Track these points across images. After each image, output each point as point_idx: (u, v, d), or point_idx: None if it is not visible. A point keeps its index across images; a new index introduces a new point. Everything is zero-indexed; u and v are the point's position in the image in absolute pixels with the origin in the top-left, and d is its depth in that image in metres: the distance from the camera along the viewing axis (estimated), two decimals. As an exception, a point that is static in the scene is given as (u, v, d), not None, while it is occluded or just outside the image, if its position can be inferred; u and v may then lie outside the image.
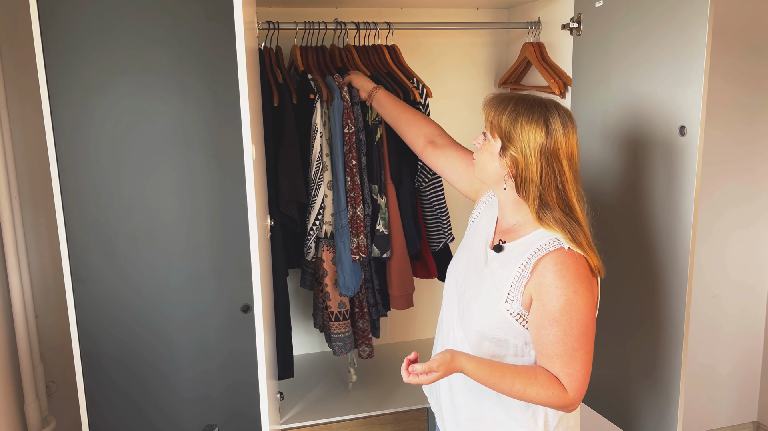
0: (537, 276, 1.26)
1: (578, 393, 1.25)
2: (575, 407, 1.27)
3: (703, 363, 2.71)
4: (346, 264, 1.97)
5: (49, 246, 2.15)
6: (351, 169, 1.93)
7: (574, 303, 1.23)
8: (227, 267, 1.66)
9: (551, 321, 1.24)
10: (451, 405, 1.46)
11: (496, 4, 2.39)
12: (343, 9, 2.27)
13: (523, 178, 1.27)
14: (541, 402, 1.25)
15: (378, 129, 1.98)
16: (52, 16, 1.49)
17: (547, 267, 1.25)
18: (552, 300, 1.24)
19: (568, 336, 1.23)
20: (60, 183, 1.55)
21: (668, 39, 1.51)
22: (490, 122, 1.31)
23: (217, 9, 1.54)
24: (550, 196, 1.27)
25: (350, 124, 1.92)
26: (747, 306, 2.73)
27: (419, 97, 2.04)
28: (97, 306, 1.62)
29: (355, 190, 1.95)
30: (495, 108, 1.30)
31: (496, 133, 1.30)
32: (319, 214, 1.95)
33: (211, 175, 1.62)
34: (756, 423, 2.84)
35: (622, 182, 1.69)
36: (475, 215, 1.53)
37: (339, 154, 1.93)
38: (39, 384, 2.08)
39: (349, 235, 1.96)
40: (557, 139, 1.25)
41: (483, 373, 1.25)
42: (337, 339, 2.05)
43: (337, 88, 1.91)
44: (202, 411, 1.72)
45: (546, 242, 1.27)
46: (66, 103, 1.53)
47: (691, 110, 1.46)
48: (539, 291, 1.25)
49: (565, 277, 1.23)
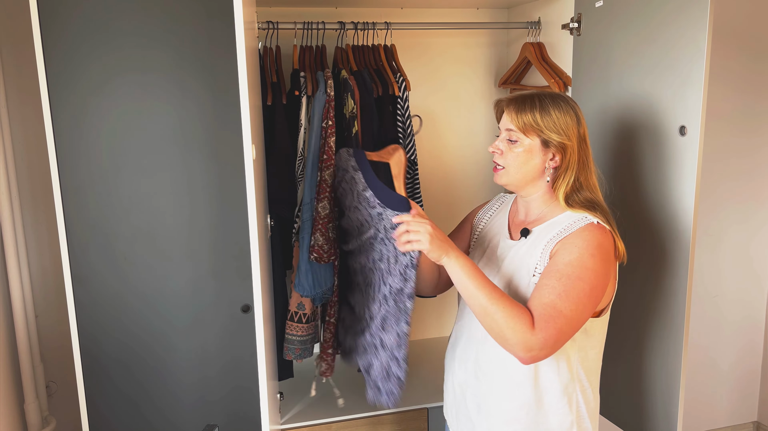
0: (561, 242, 1.29)
1: (543, 342, 1.20)
2: (532, 357, 1.22)
3: (703, 363, 2.71)
4: (302, 262, 1.86)
5: (49, 246, 2.15)
6: (322, 162, 1.86)
7: (584, 264, 1.24)
8: (227, 267, 1.66)
9: (554, 272, 1.25)
10: (481, 413, 1.43)
11: (496, 4, 2.39)
12: (343, 9, 2.27)
13: (567, 166, 1.34)
14: (508, 327, 1.21)
15: (354, 122, 1.94)
16: (52, 16, 1.49)
17: (573, 234, 1.29)
18: (565, 254, 1.27)
19: (560, 285, 1.23)
20: (60, 183, 1.55)
21: (668, 39, 1.51)
22: (523, 123, 1.33)
23: (217, 9, 1.54)
24: (584, 178, 1.36)
25: (329, 118, 1.88)
26: (747, 307, 2.73)
27: (398, 91, 2.04)
28: (97, 307, 1.62)
29: (322, 185, 1.85)
30: (520, 109, 1.33)
31: (531, 131, 1.33)
32: (299, 209, 1.94)
33: (211, 175, 1.62)
34: (756, 423, 2.84)
35: (622, 181, 1.69)
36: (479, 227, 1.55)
37: (314, 147, 1.87)
38: (39, 384, 2.08)
39: (310, 231, 1.85)
40: (583, 122, 1.36)
41: (471, 269, 1.26)
42: (289, 341, 1.95)
43: (323, 81, 1.88)
44: (202, 411, 1.72)
45: (576, 220, 1.32)
46: (66, 103, 1.53)
47: (691, 110, 1.46)
48: (557, 250, 1.29)
49: (587, 240, 1.27)
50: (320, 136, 1.86)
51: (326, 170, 1.84)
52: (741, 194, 2.63)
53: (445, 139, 2.50)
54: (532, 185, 1.39)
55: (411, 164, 2.10)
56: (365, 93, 1.99)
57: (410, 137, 2.10)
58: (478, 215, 1.58)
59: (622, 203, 1.68)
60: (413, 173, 2.13)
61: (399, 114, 2.08)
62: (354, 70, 2.05)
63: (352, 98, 1.93)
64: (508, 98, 1.38)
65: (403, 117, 2.08)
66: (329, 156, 1.85)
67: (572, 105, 1.35)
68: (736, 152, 2.59)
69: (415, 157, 2.13)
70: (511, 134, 1.35)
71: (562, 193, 1.34)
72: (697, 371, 2.68)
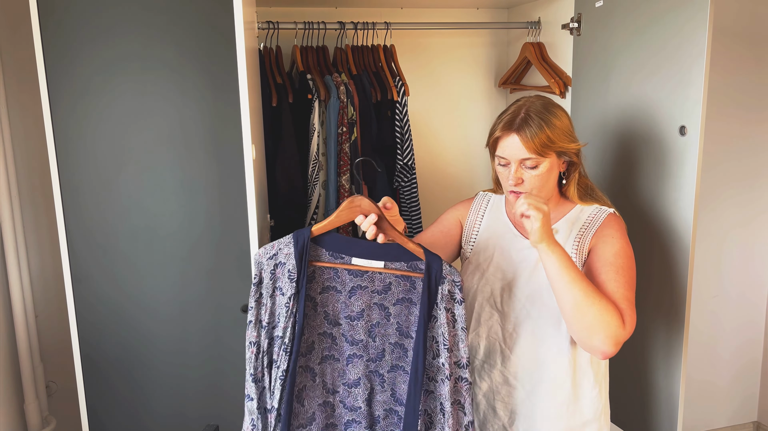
0: (596, 236, 1.35)
1: (630, 329, 1.25)
2: (614, 351, 1.23)
3: (703, 363, 2.71)
4: None
5: (49, 246, 2.15)
6: (340, 168, 1.94)
7: (627, 252, 1.32)
8: (227, 267, 1.66)
9: (608, 265, 1.30)
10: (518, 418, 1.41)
11: (496, 4, 2.39)
12: (343, 9, 2.27)
13: (577, 164, 1.38)
14: (602, 322, 1.21)
15: (354, 128, 1.97)
16: (52, 15, 1.49)
17: (603, 226, 1.35)
18: (607, 247, 1.32)
19: (621, 277, 1.28)
20: (60, 183, 1.55)
21: (668, 39, 1.51)
22: (538, 146, 1.29)
23: (217, 9, 1.54)
24: (582, 169, 1.41)
25: (344, 124, 1.92)
26: (747, 306, 2.73)
27: (396, 96, 2.05)
28: (97, 306, 1.62)
29: (340, 191, 1.95)
30: (527, 134, 1.29)
31: (548, 150, 1.31)
32: (315, 213, 1.95)
33: (211, 175, 1.62)
34: (756, 423, 2.84)
35: (622, 182, 1.69)
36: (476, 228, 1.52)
37: (332, 153, 1.92)
38: (39, 384, 2.08)
39: None
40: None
41: (568, 260, 1.23)
42: None
43: (335, 87, 1.91)
44: (201, 411, 1.72)
45: (593, 212, 1.38)
46: (66, 103, 1.53)
47: (691, 110, 1.46)
48: (595, 244, 1.34)
49: (618, 229, 1.35)
50: (337, 142, 1.91)
51: (343, 175, 1.94)
52: (741, 194, 2.63)
53: (444, 139, 2.50)
54: (552, 191, 1.40)
55: (408, 169, 2.11)
56: (364, 98, 2.00)
57: (408, 142, 2.10)
58: (468, 217, 1.52)
59: (622, 203, 1.68)
60: (410, 178, 2.13)
61: (398, 119, 2.08)
62: (353, 73, 2.05)
63: (352, 105, 1.95)
64: (501, 128, 1.33)
65: (401, 122, 2.08)
66: (345, 161, 1.94)
67: (556, 104, 1.35)
68: (737, 152, 2.59)
69: (412, 163, 2.13)
70: (527, 162, 1.31)
71: (574, 190, 1.39)
72: (697, 371, 2.68)
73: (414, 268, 1.27)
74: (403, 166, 2.10)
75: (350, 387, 1.30)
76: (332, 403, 1.31)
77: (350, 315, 1.29)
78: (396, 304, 1.28)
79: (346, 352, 1.29)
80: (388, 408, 1.31)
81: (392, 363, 1.29)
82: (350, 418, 1.30)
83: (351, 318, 1.29)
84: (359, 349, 1.29)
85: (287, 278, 1.25)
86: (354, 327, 1.29)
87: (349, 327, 1.29)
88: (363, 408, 1.29)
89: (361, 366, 1.29)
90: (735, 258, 2.67)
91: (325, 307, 1.29)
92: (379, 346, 1.29)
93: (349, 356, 1.29)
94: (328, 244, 1.27)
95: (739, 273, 2.69)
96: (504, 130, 1.32)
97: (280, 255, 1.26)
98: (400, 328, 1.29)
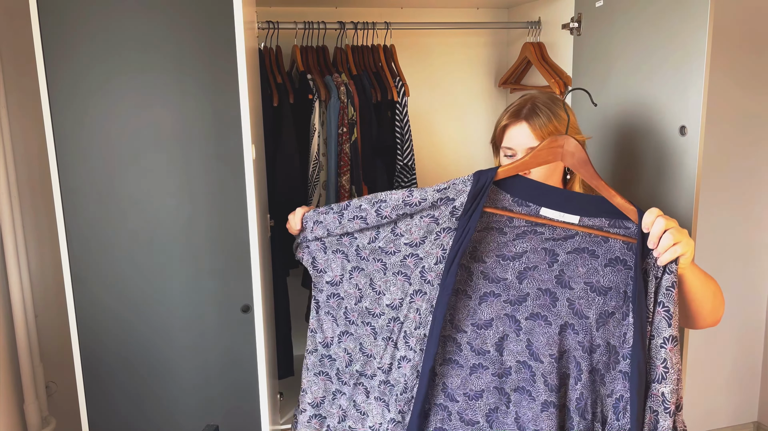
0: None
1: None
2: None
3: (703, 363, 2.71)
4: None
5: (49, 246, 2.15)
6: (341, 169, 1.93)
7: None
8: (227, 267, 1.66)
9: None
10: None
11: (496, 4, 2.39)
12: (343, 9, 2.27)
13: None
14: (719, 304, 1.23)
15: (354, 128, 1.97)
16: (52, 16, 1.49)
17: None
18: None
19: None
20: (60, 183, 1.55)
21: (669, 38, 1.51)
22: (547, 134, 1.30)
23: (217, 9, 1.54)
24: None
25: (344, 125, 1.92)
26: (747, 307, 2.73)
27: (396, 96, 2.05)
28: (97, 306, 1.62)
29: (341, 191, 1.95)
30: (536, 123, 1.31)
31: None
32: None
33: (211, 175, 1.62)
34: (756, 423, 2.84)
35: (622, 182, 1.69)
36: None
37: (333, 154, 1.92)
38: (39, 384, 2.08)
39: None
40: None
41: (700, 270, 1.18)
42: None
43: (335, 87, 1.91)
44: (202, 411, 1.72)
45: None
46: (66, 103, 1.53)
47: (691, 110, 1.46)
48: None
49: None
50: (337, 143, 1.91)
51: (343, 176, 1.91)
52: (741, 194, 2.63)
53: (445, 138, 2.50)
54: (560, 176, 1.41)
55: (408, 170, 2.11)
56: (364, 99, 2.00)
57: (408, 142, 2.11)
58: None
59: (622, 203, 1.68)
60: (410, 179, 2.13)
61: (398, 119, 2.08)
62: (353, 73, 2.05)
63: (352, 105, 1.95)
64: (509, 117, 1.34)
65: (401, 122, 2.08)
66: (345, 162, 1.92)
67: (560, 98, 1.38)
68: (737, 152, 2.59)
69: (412, 163, 2.13)
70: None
71: (579, 185, 1.40)
72: (697, 371, 2.68)
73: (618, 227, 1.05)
74: (403, 166, 2.10)
75: (479, 329, 1.15)
76: (458, 342, 1.17)
77: (503, 255, 1.13)
78: (571, 253, 1.10)
79: (481, 290, 1.14)
80: (522, 361, 1.14)
81: (532, 311, 1.12)
82: (476, 362, 1.15)
83: (503, 258, 1.13)
84: (498, 287, 1.13)
85: (449, 213, 1.13)
86: (502, 266, 1.13)
87: (495, 265, 1.13)
88: (492, 352, 1.15)
89: (497, 306, 1.13)
90: (735, 259, 2.67)
91: (475, 243, 1.15)
92: (524, 289, 1.12)
93: (484, 294, 1.14)
94: (513, 188, 1.12)
95: (738, 273, 2.69)
96: (512, 118, 1.34)
97: (451, 190, 1.13)
98: (560, 277, 1.10)
